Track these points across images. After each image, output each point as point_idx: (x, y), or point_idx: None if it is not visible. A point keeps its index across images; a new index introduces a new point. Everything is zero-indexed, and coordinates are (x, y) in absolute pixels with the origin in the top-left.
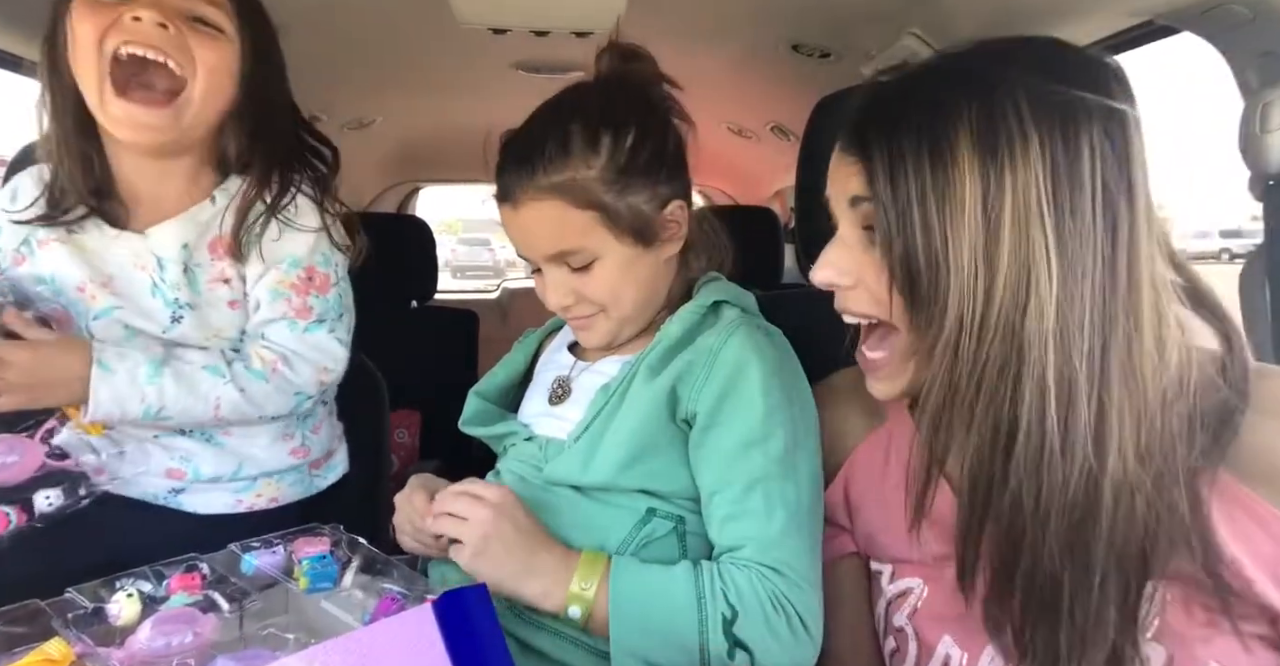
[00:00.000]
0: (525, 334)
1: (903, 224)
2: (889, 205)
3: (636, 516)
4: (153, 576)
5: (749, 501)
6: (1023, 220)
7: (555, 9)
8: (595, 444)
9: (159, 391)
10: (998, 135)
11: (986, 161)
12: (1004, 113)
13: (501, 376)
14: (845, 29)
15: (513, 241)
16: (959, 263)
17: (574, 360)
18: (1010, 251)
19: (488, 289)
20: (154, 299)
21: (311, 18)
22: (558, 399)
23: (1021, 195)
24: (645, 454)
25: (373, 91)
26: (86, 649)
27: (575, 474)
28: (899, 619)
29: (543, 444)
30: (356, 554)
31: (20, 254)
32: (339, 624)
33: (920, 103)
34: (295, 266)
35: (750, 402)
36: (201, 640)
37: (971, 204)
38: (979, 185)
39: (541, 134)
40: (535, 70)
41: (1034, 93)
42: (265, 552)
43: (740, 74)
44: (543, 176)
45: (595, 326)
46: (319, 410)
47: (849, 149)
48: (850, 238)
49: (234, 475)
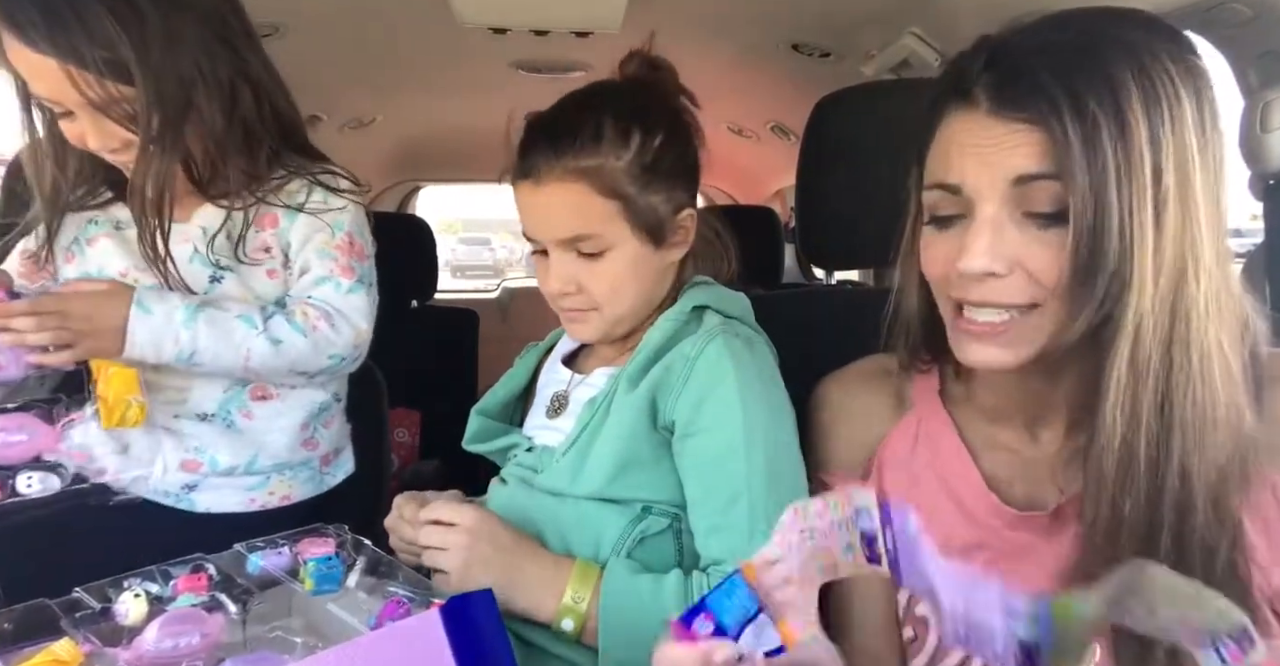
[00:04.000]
0: (526, 348)
1: (1100, 198)
2: (1083, 178)
3: (632, 513)
4: (159, 576)
5: (731, 514)
6: (1184, 185)
7: (555, 9)
8: (583, 457)
9: (193, 335)
10: (1161, 98)
11: (1155, 126)
12: (1162, 77)
13: (503, 393)
14: (845, 29)
15: (526, 221)
16: (1143, 236)
17: (570, 374)
18: (1176, 218)
19: (488, 288)
20: (191, 264)
21: (311, 17)
22: (554, 412)
23: (1180, 160)
24: (632, 465)
25: (373, 91)
26: (94, 649)
27: (564, 485)
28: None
29: (540, 453)
30: (361, 555)
31: (71, 252)
32: (345, 626)
33: (1092, 64)
34: (340, 229)
35: (728, 412)
36: (208, 641)
37: (1148, 173)
38: (1151, 153)
39: (575, 119)
40: (535, 70)
41: (1176, 58)
42: (271, 553)
43: (740, 74)
44: (572, 159)
45: (588, 320)
46: (334, 406)
47: (1011, 115)
48: (1002, 219)
49: (249, 466)
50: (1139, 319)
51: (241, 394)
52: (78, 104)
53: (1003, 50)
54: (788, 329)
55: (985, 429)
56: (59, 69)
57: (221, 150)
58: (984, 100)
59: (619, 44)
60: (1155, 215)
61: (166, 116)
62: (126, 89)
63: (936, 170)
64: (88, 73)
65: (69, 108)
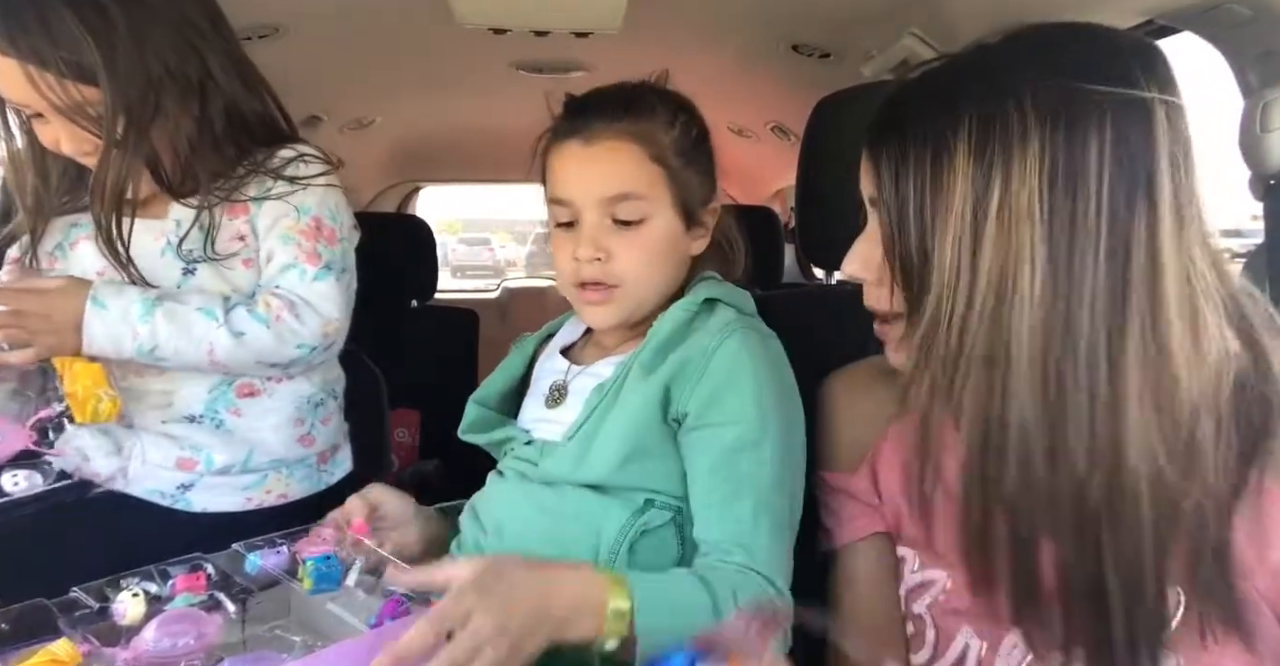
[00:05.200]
0: (520, 338)
1: (898, 220)
2: (890, 203)
3: (634, 506)
4: (157, 576)
5: (738, 508)
6: (1010, 219)
7: (555, 9)
8: (589, 442)
9: (151, 329)
10: (993, 136)
11: (979, 163)
12: (1005, 112)
13: (499, 382)
14: (845, 29)
15: (568, 181)
16: (943, 259)
17: (569, 365)
18: (993, 249)
19: (488, 288)
20: (163, 257)
21: (312, 18)
22: (554, 402)
23: (1014, 195)
24: (639, 454)
25: (373, 91)
26: (92, 649)
27: (569, 471)
28: (918, 607)
29: (539, 446)
30: (360, 554)
31: (54, 256)
32: (344, 626)
33: (927, 103)
34: (305, 214)
35: (742, 407)
36: (206, 641)
37: (960, 203)
38: (970, 186)
39: (631, 93)
40: (535, 70)
41: (1038, 88)
42: (269, 552)
43: (740, 74)
44: (629, 122)
45: (610, 301)
46: (330, 402)
47: (866, 148)
48: (875, 234)
49: (245, 465)
50: (955, 341)
51: (228, 393)
52: (45, 107)
53: (888, 95)
54: (787, 329)
55: None
56: (20, 70)
57: (189, 151)
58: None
59: (619, 44)
60: (970, 243)
61: (132, 119)
62: (90, 91)
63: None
64: (49, 74)
65: (38, 110)
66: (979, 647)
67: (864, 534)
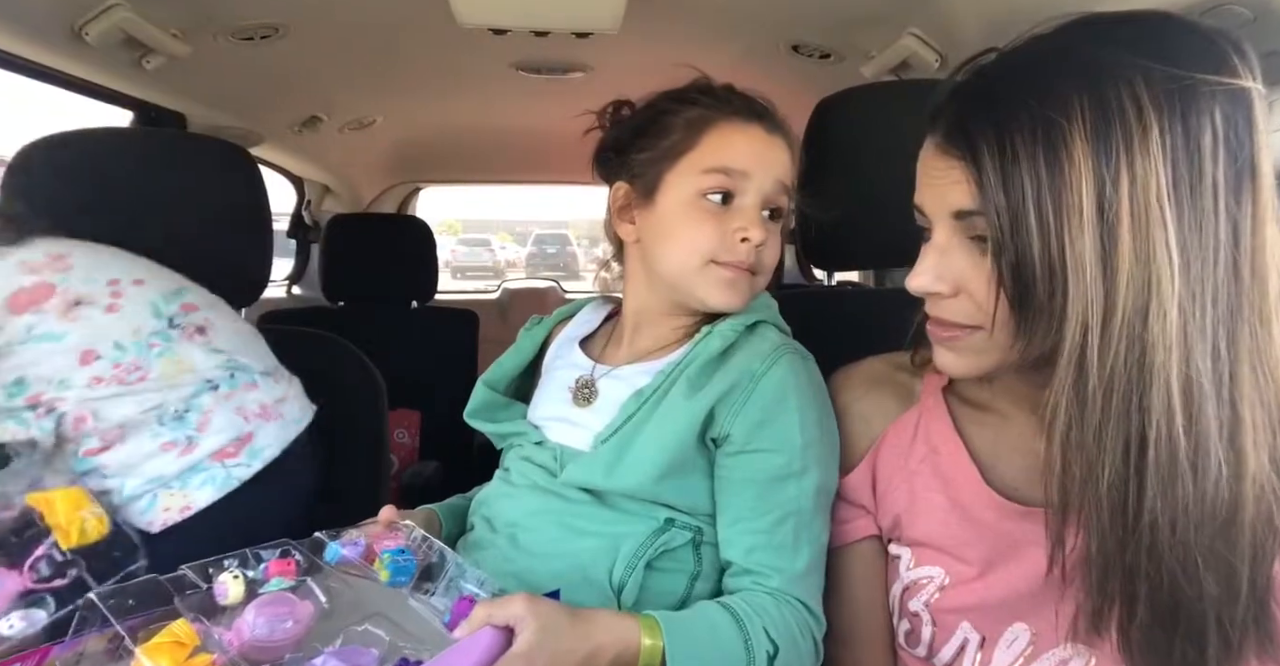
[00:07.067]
0: (531, 321)
1: (1016, 230)
2: (1002, 211)
3: (655, 524)
4: (251, 558)
5: (779, 534)
6: (1142, 218)
7: (555, 9)
8: (623, 450)
9: None
10: (1113, 128)
11: (1101, 158)
12: (1120, 102)
13: (509, 365)
14: (845, 29)
15: (742, 157)
16: (1079, 269)
17: (592, 362)
18: (1130, 252)
19: (488, 289)
20: None
21: (311, 17)
22: (583, 402)
23: (1141, 192)
24: (675, 469)
25: (373, 91)
26: (202, 628)
27: (598, 478)
28: (915, 604)
29: (558, 453)
30: (433, 552)
31: None
32: (425, 623)
33: (1027, 95)
34: None
35: (788, 434)
36: (301, 628)
37: (1088, 205)
38: (1094, 184)
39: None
40: (535, 70)
41: (1150, 77)
42: (348, 543)
43: (740, 74)
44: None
45: (747, 284)
46: (204, 399)
47: (951, 152)
48: (950, 244)
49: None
50: (1078, 352)
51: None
52: None
53: (962, 90)
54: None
55: (987, 425)
56: None
57: None
58: (939, 133)
59: (619, 44)
60: (1102, 249)
61: None
62: None
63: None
64: None
65: None
66: (977, 641)
67: (857, 537)
